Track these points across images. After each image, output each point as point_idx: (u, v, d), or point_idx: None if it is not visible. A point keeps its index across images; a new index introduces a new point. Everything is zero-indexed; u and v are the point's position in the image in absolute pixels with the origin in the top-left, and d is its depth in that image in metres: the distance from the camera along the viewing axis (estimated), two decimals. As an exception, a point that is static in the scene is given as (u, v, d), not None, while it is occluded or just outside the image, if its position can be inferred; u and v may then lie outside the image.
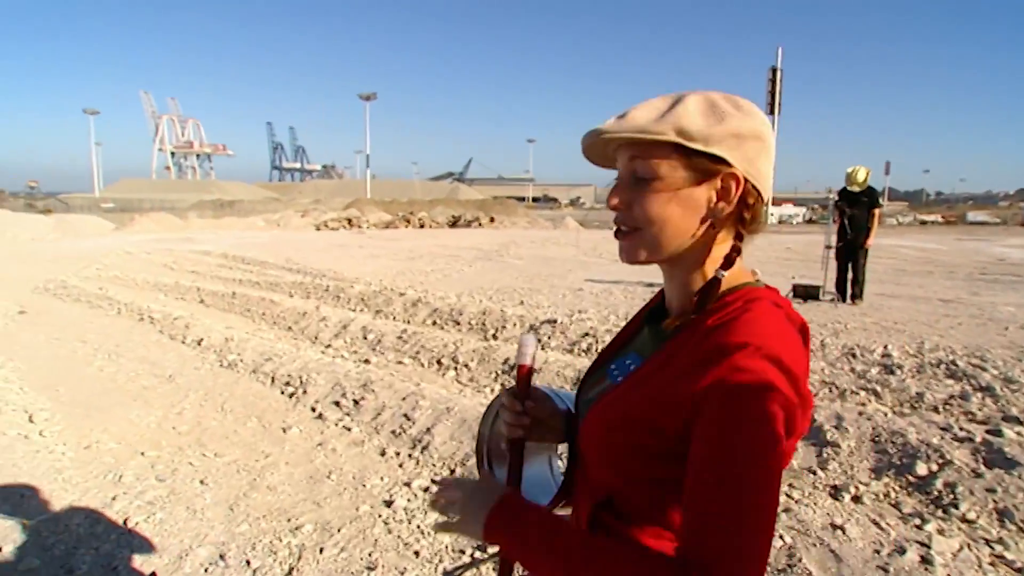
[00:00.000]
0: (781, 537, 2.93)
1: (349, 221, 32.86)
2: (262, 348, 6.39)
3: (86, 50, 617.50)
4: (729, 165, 0.82)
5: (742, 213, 0.85)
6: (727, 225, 0.86)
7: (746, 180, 0.83)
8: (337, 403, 4.91)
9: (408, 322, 7.73)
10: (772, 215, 47.21)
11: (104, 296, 9.73)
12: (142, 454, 4.06)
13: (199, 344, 6.76)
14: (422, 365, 6.05)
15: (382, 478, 3.72)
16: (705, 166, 0.82)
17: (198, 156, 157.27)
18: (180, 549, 2.98)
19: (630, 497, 0.86)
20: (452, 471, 3.84)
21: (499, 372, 5.62)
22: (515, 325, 7.08)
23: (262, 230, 29.75)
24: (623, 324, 1.17)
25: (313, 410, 4.87)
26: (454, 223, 34.69)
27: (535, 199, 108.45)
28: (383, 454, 4.08)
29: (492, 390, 5.29)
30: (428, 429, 4.28)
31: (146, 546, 3.01)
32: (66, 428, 4.51)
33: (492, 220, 35.77)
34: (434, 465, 3.88)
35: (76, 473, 3.79)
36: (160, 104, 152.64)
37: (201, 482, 3.67)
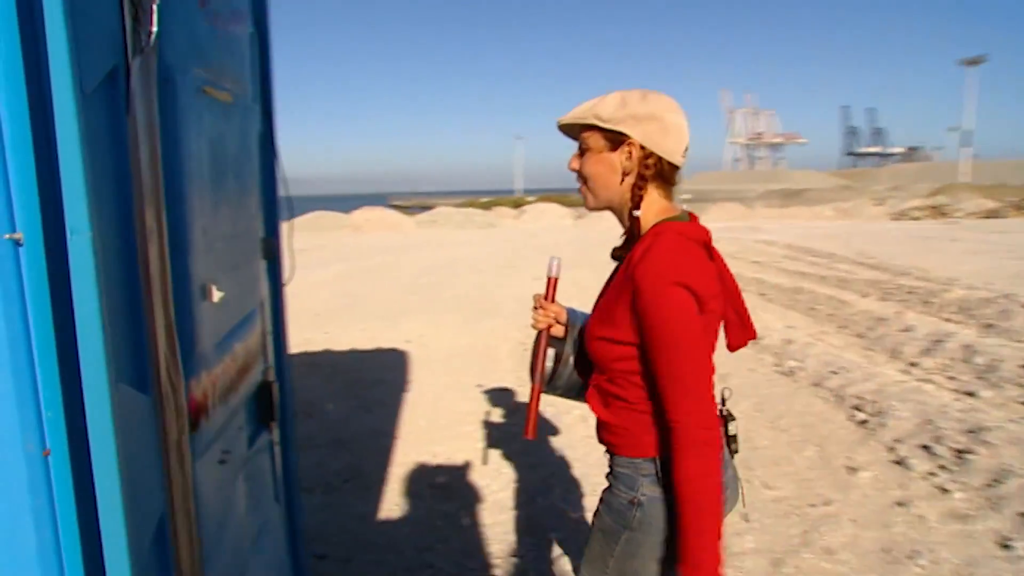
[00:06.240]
0: None
1: (935, 210, 28.11)
2: (827, 357, 5.48)
3: (671, 57, 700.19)
4: (630, 138, 1.28)
5: (643, 171, 1.29)
6: (636, 179, 1.30)
7: (643, 148, 1.28)
8: (927, 447, 3.70)
9: (1037, 344, 5.63)
10: None
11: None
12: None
13: (757, 343, 6.28)
14: (1066, 413, 4.17)
15: (1006, 591, 2.46)
16: (615, 138, 1.30)
17: (769, 147, 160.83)
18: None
19: (617, 371, 1.31)
20: None
21: None
22: None
23: (829, 219, 28.03)
24: None
25: (891, 451, 3.78)
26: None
27: None
28: (1005, 547, 2.77)
29: None
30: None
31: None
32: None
33: None
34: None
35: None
36: (737, 100, 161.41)
37: (745, 519, 3.09)
